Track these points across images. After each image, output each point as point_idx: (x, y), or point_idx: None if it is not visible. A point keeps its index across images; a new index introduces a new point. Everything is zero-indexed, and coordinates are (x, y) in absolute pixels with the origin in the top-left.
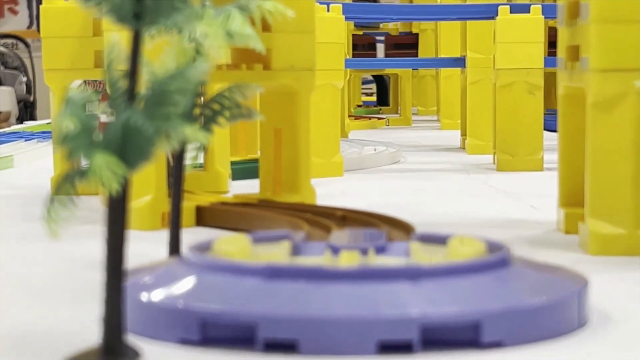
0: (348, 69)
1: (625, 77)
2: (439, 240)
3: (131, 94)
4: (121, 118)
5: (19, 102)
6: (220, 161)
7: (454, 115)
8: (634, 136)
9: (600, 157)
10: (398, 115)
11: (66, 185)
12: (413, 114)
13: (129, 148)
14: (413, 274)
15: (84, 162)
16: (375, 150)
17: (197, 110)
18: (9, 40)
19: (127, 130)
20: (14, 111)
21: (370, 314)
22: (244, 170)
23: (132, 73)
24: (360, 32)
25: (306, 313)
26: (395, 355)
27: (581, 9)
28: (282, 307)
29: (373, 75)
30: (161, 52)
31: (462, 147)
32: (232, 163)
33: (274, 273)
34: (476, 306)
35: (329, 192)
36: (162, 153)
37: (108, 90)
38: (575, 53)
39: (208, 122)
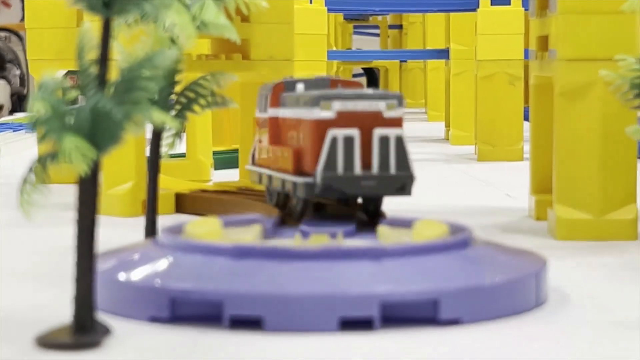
0: (336, 62)
1: (592, 67)
2: (405, 223)
3: (101, 80)
4: (90, 102)
5: (12, 95)
6: (202, 150)
7: (440, 107)
8: (600, 125)
9: (567, 145)
10: None
11: (38, 168)
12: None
13: (98, 132)
14: (375, 254)
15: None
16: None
17: (172, 97)
18: (2, 34)
19: (96, 114)
20: (7, 105)
21: (333, 292)
22: (227, 159)
23: (102, 60)
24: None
25: (270, 291)
26: (356, 332)
27: (550, 0)
28: (247, 285)
29: (363, 68)
30: (137, 41)
31: (446, 138)
32: (215, 153)
33: (241, 253)
34: (435, 285)
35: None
36: (132, 137)
37: (79, 77)
38: (545, 43)
39: (183, 109)
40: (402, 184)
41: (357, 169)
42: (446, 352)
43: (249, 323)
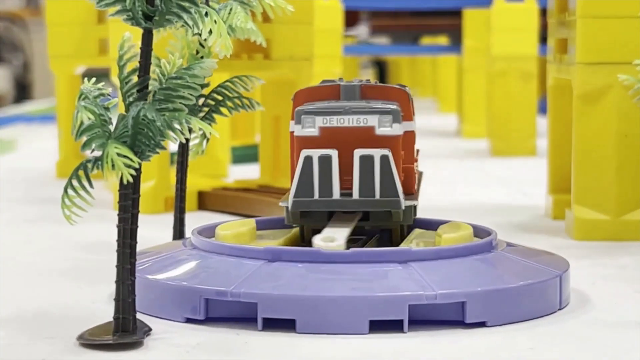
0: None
1: (610, 70)
2: (432, 225)
3: (142, 88)
4: (132, 111)
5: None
6: (220, 146)
7: (451, 99)
8: (617, 127)
9: (586, 146)
10: None
11: (81, 174)
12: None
13: (140, 140)
14: (403, 257)
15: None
16: None
17: (200, 100)
18: (4, 21)
19: (138, 122)
20: (9, 92)
21: (363, 295)
22: (243, 155)
23: (143, 69)
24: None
25: (302, 293)
26: (386, 333)
27: (569, 3)
28: (280, 288)
29: (372, 60)
30: (166, 45)
31: (459, 132)
32: (232, 148)
33: (274, 255)
34: (462, 288)
35: None
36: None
37: (119, 85)
38: (563, 46)
39: (211, 111)
40: (388, 211)
41: (336, 193)
42: (472, 353)
43: (282, 324)
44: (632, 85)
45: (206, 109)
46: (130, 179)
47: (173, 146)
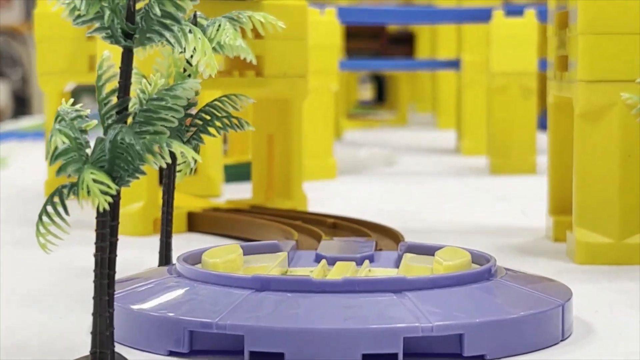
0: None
1: (612, 88)
2: (428, 251)
3: (121, 110)
4: (110, 135)
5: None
6: (213, 165)
7: (450, 114)
8: (620, 147)
9: (588, 167)
10: (394, 114)
11: (57, 200)
12: (410, 111)
13: (118, 164)
14: (398, 286)
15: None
16: (369, 152)
17: (188, 120)
18: (3, 35)
19: (116, 146)
20: (7, 107)
21: (356, 327)
22: (237, 172)
23: (123, 89)
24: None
25: (292, 325)
26: None
27: (570, 20)
28: (268, 319)
29: (370, 75)
30: (152, 63)
31: (458, 149)
32: (225, 166)
33: (262, 285)
34: (459, 319)
35: (321, 196)
36: (152, 167)
37: (98, 106)
38: (564, 63)
39: (199, 131)
40: None
41: None
42: None
43: (270, 358)
44: (636, 104)
45: (194, 129)
46: (107, 206)
47: None
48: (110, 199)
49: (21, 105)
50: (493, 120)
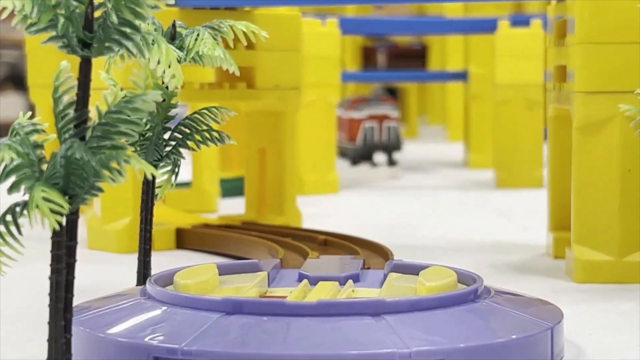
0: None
1: (612, 100)
2: (413, 270)
3: (79, 123)
4: (62, 150)
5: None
6: (209, 179)
7: (459, 127)
8: (619, 161)
9: (586, 182)
10: (404, 127)
11: (8, 219)
12: (421, 124)
13: (73, 180)
14: (377, 309)
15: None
16: (373, 165)
17: (167, 134)
18: (18, 50)
19: (70, 162)
20: None
21: (332, 353)
22: (234, 187)
23: (81, 102)
24: (369, 43)
25: (263, 351)
26: None
27: (568, 29)
28: (238, 345)
29: (384, 88)
30: (129, 74)
31: (466, 162)
32: (222, 180)
33: (233, 308)
34: (440, 344)
35: (320, 212)
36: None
37: (55, 120)
38: (562, 74)
39: (178, 145)
40: None
41: None
42: None
43: None
44: (634, 116)
45: (172, 142)
46: (57, 227)
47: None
48: (60, 218)
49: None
50: (498, 133)
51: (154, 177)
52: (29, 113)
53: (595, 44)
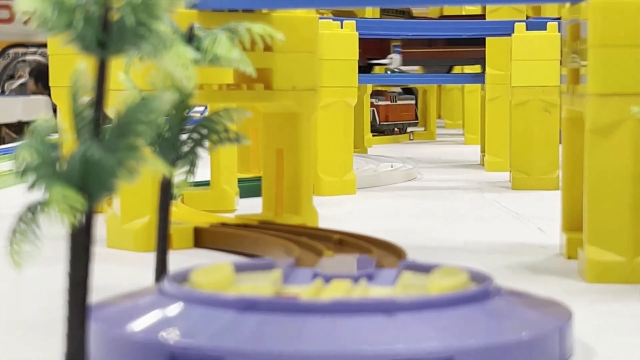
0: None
1: (625, 102)
2: (426, 269)
3: (96, 124)
4: (80, 149)
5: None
6: (227, 179)
7: (477, 130)
8: (632, 162)
9: (598, 183)
10: (423, 129)
11: (28, 217)
12: (440, 127)
13: (89, 181)
14: (388, 308)
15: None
16: (391, 167)
17: (184, 134)
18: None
19: (86, 162)
20: None
21: (343, 350)
22: (253, 187)
23: (97, 102)
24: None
25: (276, 349)
26: None
27: (581, 31)
28: (251, 342)
29: (402, 88)
30: (148, 76)
31: (482, 164)
32: (241, 180)
33: (246, 305)
34: (451, 342)
35: (337, 212)
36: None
37: (73, 120)
38: (576, 76)
39: (195, 145)
40: None
41: None
42: None
43: None
44: None
45: (191, 143)
46: (74, 223)
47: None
48: (78, 216)
49: None
50: (514, 135)
51: (171, 177)
52: (50, 114)
53: (608, 47)
